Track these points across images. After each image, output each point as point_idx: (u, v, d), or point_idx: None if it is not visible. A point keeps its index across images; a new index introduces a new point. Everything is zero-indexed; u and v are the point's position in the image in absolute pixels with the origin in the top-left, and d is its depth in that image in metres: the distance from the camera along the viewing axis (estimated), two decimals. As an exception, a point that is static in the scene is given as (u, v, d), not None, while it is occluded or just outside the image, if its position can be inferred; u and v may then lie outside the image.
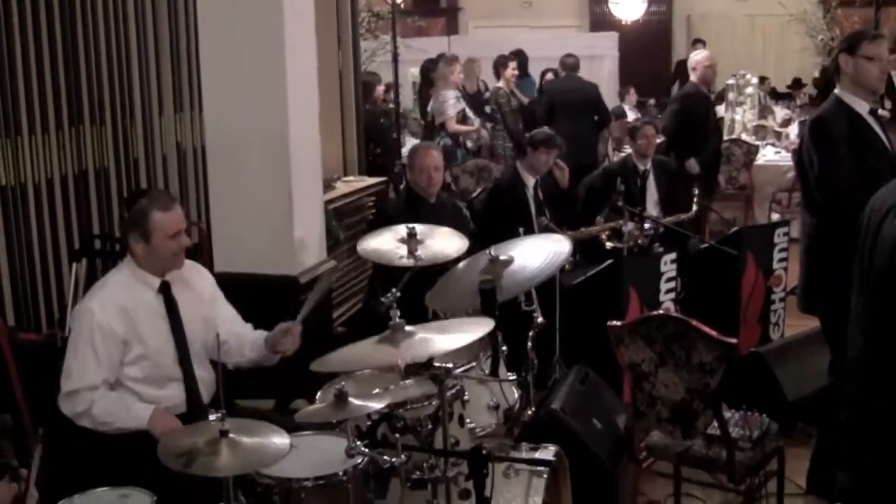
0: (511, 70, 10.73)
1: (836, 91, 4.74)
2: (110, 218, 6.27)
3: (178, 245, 3.98)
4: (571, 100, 10.20)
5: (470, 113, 9.88)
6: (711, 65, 9.22)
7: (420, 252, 4.24)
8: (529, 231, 6.35)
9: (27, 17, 5.59)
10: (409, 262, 4.22)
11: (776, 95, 14.37)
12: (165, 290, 4.03)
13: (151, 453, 3.11)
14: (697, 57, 9.26)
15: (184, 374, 4.03)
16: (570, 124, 8.46)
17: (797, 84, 15.06)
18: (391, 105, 9.98)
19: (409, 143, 9.97)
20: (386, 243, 4.34)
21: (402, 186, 6.73)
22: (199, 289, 4.22)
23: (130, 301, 3.94)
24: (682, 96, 9.23)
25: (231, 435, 3.10)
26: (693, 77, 9.10)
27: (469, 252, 4.53)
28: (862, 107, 4.65)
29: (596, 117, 10.51)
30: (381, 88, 10.00)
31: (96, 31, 6.19)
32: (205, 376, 4.13)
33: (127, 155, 6.51)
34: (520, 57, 11.51)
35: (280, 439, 3.19)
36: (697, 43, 15.51)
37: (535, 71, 12.27)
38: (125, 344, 3.89)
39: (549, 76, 11.93)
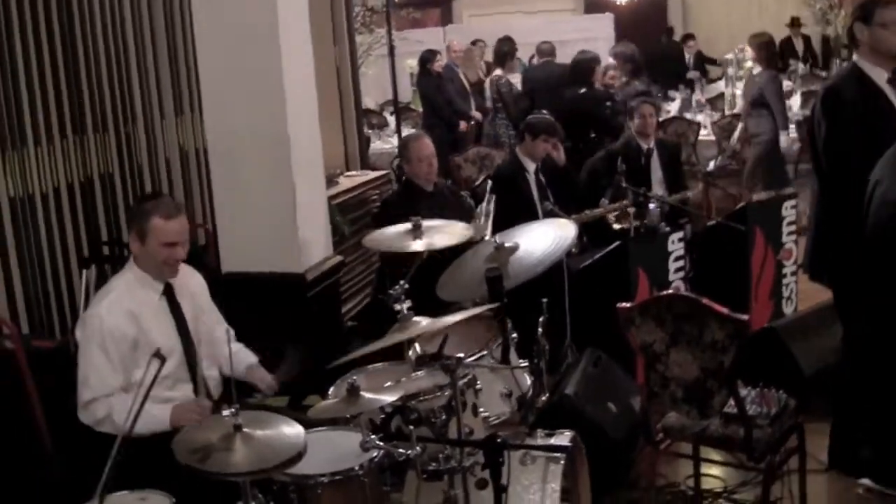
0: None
1: (854, 59, 4.67)
2: (117, 223, 6.29)
3: (171, 255, 3.95)
4: (548, 85, 10.16)
5: None
6: None
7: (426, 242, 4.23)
8: (534, 217, 6.35)
9: (27, 28, 5.63)
10: (420, 248, 4.21)
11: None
12: (169, 293, 4.05)
13: (168, 455, 3.10)
14: None
15: (191, 374, 4.04)
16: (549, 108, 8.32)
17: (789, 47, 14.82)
18: (615, 87, 9.33)
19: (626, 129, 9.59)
20: (392, 237, 4.33)
21: (403, 179, 6.72)
22: (196, 292, 4.24)
23: (136, 304, 3.94)
24: None
25: (245, 429, 3.09)
26: None
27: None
28: (880, 75, 4.56)
29: None
30: (600, 69, 9.22)
31: (95, 39, 6.22)
32: (213, 375, 4.17)
33: (131, 160, 6.54)
34: (508, 44, 11.46)
35: (293, 431, 3.16)
36: (688, 38, 15.27)
37: (528, 56, 12.23)
38: (135, 345, 3.88)
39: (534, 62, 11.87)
